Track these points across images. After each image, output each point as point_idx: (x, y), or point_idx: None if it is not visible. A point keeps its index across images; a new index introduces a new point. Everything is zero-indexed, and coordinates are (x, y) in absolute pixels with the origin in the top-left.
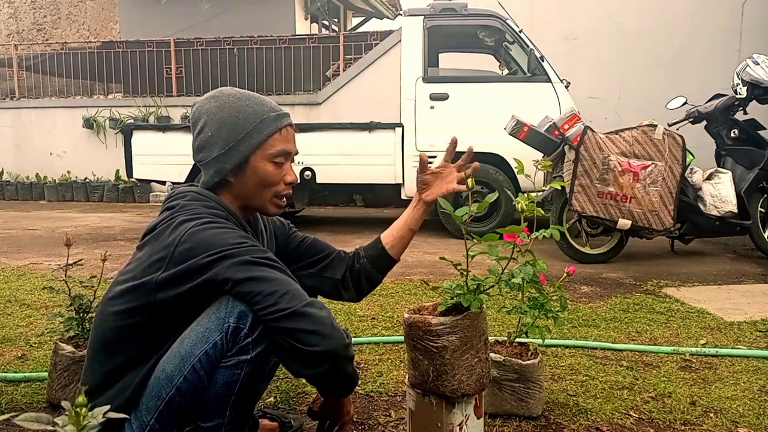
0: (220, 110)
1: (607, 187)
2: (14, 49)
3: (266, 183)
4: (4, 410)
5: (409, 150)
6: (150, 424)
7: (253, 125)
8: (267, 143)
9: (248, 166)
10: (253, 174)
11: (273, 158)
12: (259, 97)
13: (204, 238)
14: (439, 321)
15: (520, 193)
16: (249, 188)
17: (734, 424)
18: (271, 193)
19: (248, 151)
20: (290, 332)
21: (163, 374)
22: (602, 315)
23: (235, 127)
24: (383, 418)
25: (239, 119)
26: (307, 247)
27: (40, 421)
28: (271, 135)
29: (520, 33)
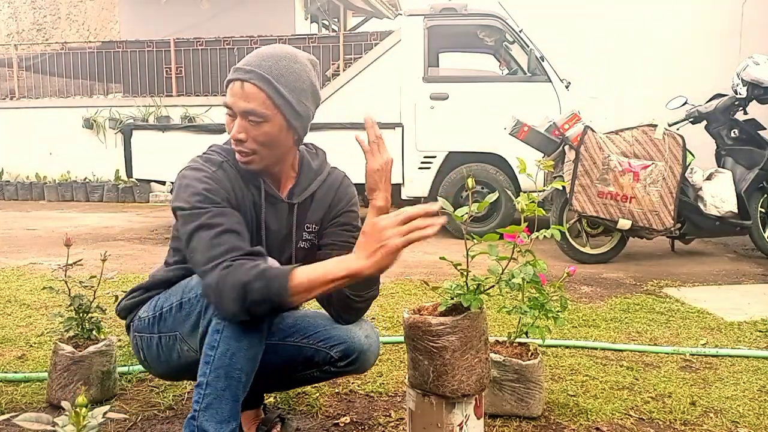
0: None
1: (608, 187)
2: (14, 49)
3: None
4: (4, 410)
5: (410, 150)
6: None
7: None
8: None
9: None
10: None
11: (227, 109)
12: (257, 52)
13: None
14: (439, 321)
15: (521, 193)
16: None
17: (734, 424)
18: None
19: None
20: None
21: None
22: (602, 315)
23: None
24: (383, 418)
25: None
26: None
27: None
28: (226, 87)
29: (520, 33)
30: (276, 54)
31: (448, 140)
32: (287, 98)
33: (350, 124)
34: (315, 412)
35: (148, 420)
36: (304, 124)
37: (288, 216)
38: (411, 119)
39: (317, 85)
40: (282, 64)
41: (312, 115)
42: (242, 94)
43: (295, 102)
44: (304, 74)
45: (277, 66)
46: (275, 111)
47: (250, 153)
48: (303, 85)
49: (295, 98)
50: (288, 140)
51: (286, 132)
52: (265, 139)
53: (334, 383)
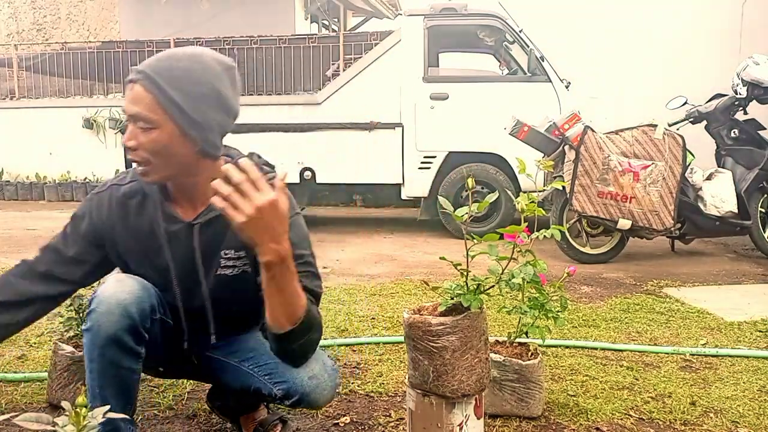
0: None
1: (608, 187)
2: (14, 49)
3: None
4: (4, 410)
5: (410, 150)
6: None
7: None
8: None
9: None
10: None
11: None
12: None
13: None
14: (439, 321)
15: (521, 193)
16: None
17: (734, 424)
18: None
19: None
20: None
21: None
22: (602, 315)
23: None
24: (383, 418)
25: None
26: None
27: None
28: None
29: (520, 33)
30: (177, 55)
31: (448, 140)
32: (178, 103)
33: (350, 124)
34: (315, 412)
35: (148, 420)
36: (206, 134)
37: (186, 239)
38: (411, 119)
39: (227, 91)
40: (180, 66)
41: (218, 125)
42: (131, 97)
43: (189, 108)
44: (205, 78)
45: (172, 67)
46: (165, 117)
47: (143, 162)
48: (202, 90)
49: (189, 104)
50: (186, 151)
51: (181, 141)
52: (154, 148)
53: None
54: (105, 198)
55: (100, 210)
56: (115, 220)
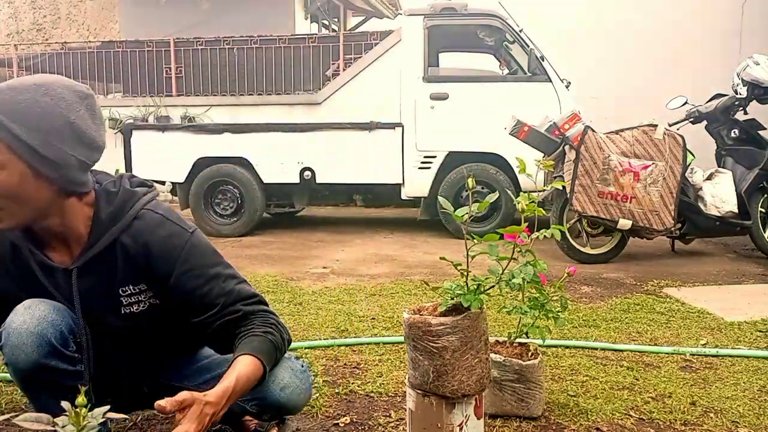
0: None
1: (608, 187)
2: (14, 49)
3: None
4: (4, 410)
5: (410, 150)
6: None
7: None
8: None
9: None
10: None
11: None
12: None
13: None
14: (439, 321)
15: (521, 193)
16: None
17: (734, 424)
18: None
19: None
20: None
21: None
22: (603, 315)
23: None
24: (383, 418)
25: None
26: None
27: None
28: None
29: (521, 33)
30: (22, 86)
31: (448, 140)
32: (25, 141)
33: (350, 124)
34: (315, 412)
35: (148, 420)
36: (62, 172)
37: (67, 286)
38: (411, 119)
39: (83, 122)
40: (24, 99)
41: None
42: None
43: (38, 145)
44: (56, 111)
45: (15, 100)
46: (10, 156)
47: None
48: (53, 124)
49: (38, 141)
50: (41, 191)
51: (34, 181)
52: (3, 191)
53: (333, 383)
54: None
55: None
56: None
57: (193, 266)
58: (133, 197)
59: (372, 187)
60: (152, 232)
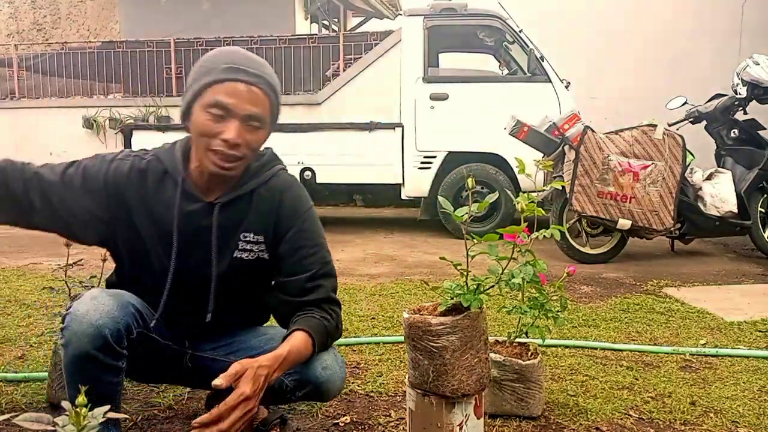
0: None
1: (608, 187)
2: (14, 49)
3: (200, 132)
4: (4, 410)
5: (409, 150)
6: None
7: (202, 73)
8: (206, 92)
9: (192, 114)
10: (193, 123)
11: (207, 108)
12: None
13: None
14: (439, 321)
15: (521, 193)
16: (193, 138)
17: (734, 424)
18: (204, 145)
19: (191, 98)
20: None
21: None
22: (602, 315)
23: (193, 74)
24: (383, 418)
25: (198, 68)
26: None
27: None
28: (210, 85)
29: (520, 33)
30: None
31: (448, 140)
32: (278, 107)
33: (350, 124)
34: (315, 412)
35: (148, 420)
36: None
37: (206, 218)
38: (411, 119)
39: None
40: (272, 71)
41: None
42: (249, 98)
43: (278, 105)
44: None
45: (272, 74)
46: (269, 119)
47: (239, 158)
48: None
49: (279, 102)
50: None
51: (266, 136)
52: (256, 145)
53: None
54: (126, 165)
55: (118, 174)
56: (131, 189)
57: (308, 229)
58: (275, 159)
59: (372, 187)
60: (286, 189)
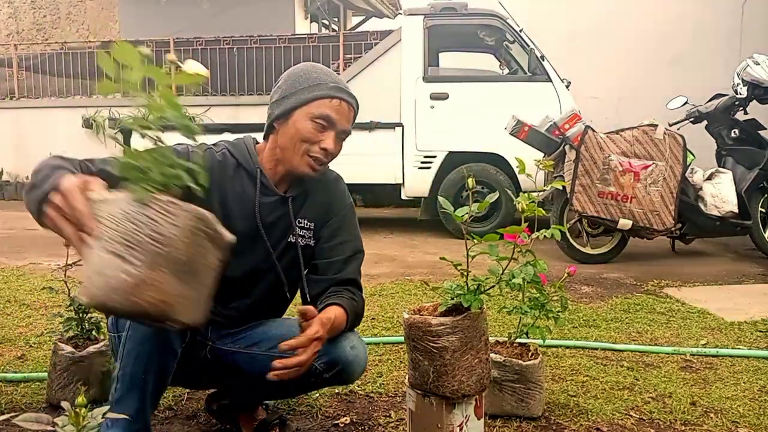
0: (295, 70)
1: (608, 187)
2: (14, 49)
3: (301, 138)
4: (4, 410)
5: (410, 150)
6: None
7: (310, 85)
8: (314, 103)
9: (291, 118)
10: (293, 126)
11: (314, 118)
12: (332, 74)
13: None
14: (439, 321)
15: (521, 193)
16: (285, 139)
17: (735, 425)
18: (302, 149)
19: (295, 104)
20: None
21: None
22: (603, 315)
23: (295, 82)
24: (383, 418)
25: (303, 78)
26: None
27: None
28: (320, 97)
29: (521, 32)
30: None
31: (448, 140)
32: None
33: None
34: (315, 412)
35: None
36: None
37: (277, 210)
38: (411, 119)
39: None
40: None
41: None
42: (347, 116)
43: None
44: None
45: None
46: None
47: (326, 164)
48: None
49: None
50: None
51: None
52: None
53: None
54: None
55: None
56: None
57: (349, 219)
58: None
59: (372, 187)
60: (337, 182)
